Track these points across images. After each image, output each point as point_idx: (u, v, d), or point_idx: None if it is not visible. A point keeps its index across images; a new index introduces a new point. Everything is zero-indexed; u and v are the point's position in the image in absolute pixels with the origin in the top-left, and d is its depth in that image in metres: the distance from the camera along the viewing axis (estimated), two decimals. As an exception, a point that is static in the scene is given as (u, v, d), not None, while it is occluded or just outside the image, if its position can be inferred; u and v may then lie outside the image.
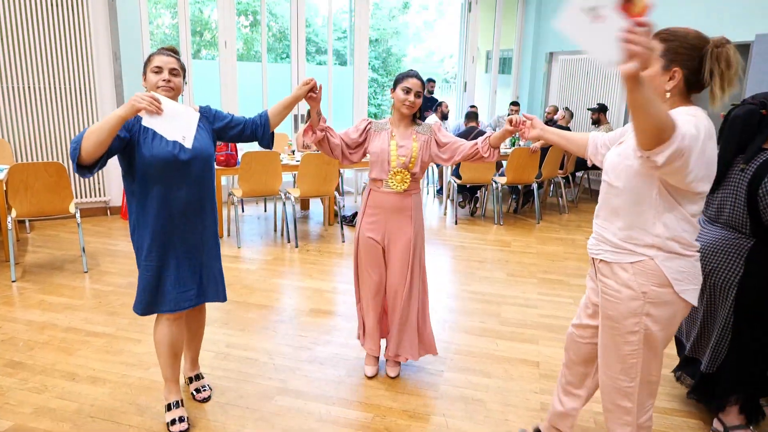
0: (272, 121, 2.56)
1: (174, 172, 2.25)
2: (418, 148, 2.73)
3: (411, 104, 2.67)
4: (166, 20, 15.79)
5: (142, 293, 2.34)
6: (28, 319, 3.53)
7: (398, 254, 2.80)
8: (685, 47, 1.67)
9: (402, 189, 2.73)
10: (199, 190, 2.35)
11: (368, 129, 2.81)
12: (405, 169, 2.72)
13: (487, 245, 5.61)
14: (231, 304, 3.84)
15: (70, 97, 5.83)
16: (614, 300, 1.80)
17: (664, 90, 1.70)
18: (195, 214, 2.36)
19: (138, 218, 2.31)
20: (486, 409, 2.71)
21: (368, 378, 2.96)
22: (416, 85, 2.67)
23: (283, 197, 5.47)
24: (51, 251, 4.92)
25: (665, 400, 2.82)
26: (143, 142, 2.22)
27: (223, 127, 2.49)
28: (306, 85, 2.49)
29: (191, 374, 2.77)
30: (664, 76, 1.70)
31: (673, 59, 1.68)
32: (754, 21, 6.23)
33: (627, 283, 1.76)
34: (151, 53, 2.31)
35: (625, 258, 1.77)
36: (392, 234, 2.79)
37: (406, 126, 2.77)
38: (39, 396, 2.68)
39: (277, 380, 2.90)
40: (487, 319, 3.75)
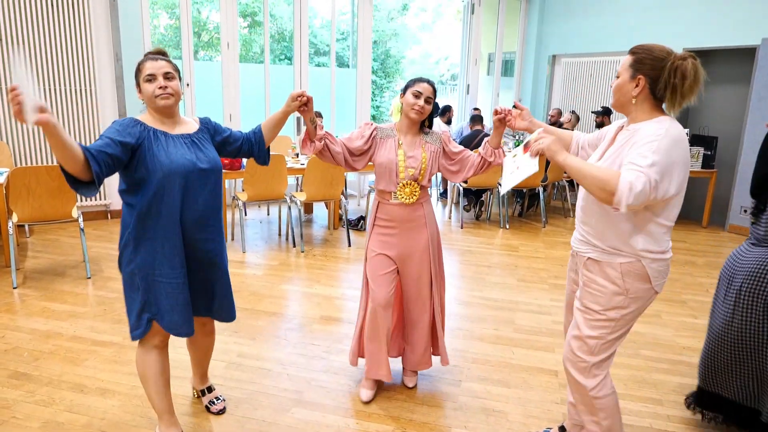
0: (266, 138, 2.43)
1: (193, 181, 2.10)
2: (428, 158, 2.59)
3: (420, 109, 2.53)
4: (163, 21, 15.69)
5: (137, 317, 2.15)
6: (32, 328, 3.43)
7: (416, 265, 2.68)
8: (650, 58, 1.85)
9: (411, 201, 2.60)
10: (213, 201, 2.21)
11: (374, 136, 2.64)
12: (414, 182, 2.58)
13: (494, 250, 5.54)
14: (240, 312, 3.75)
15: (70, 99, 5.73)
16: (599, 294, 1.98)
17: (631, 96, 1.90)
18: (209, 227, 2.21)
19: (143, 235, 2.08)
20: (508, 420, 2.64)
21: (364, 403, 2.73)
22: (427, 90, 2.54)
23: (289, 201, 5.38)
24: (52, 256, 4.82)
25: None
26: (158, 149, 2.06)
27: (221, 141, 2.34)
28: (295, 101, 2.33)
29: (202, 387, 2.67)
30: (630, 83, 1.89)
31: (638, 69, 1.87)
32: (761, 25, 6.20)
33: (614, 280, 1.93)
34: (138, 61, 2.14)
35: (614, 258, 1.94)
36: (408, 245, 2.65)
37: (415, 134, 2.63)
38: (47, 409, 2.59)
39: (292, 391, 2.82)
40: (501, 327, 3.68)
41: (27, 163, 5.63)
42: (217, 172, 2.21)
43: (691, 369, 3.18)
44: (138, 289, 2.14)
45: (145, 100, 2.14)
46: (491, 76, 9.51)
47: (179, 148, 2.11)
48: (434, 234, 2.73)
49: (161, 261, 2.10)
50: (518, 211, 7.24)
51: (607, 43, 7.95)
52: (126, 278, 2.16)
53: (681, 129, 1.85)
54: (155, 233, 2.09)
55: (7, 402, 2.63)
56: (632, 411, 2.76)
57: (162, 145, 2.08)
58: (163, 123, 2.15)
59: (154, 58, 2.13)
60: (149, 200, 2.06)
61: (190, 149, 2.15)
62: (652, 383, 3.03)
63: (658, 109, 1.90)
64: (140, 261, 2.10)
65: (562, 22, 8.59)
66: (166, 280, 2.12)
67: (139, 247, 2.10)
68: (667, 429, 2.62)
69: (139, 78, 2.12)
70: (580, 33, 8.31)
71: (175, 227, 2.10)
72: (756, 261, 2.34)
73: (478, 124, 6.77)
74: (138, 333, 2.18)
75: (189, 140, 2.17)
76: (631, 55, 1.90)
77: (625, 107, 1.94)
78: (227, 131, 2.38)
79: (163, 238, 2.09)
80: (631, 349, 3.42)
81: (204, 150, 2.20)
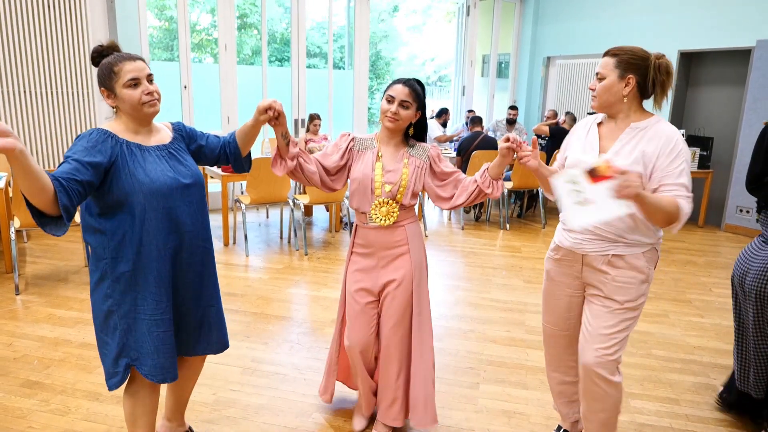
0: (242, 149, 2.12)
1: (177, 200, 1.85)
2: (409, 174, 2.21)
3: (393, 116, 2.15)
4: (152, 22, 15.54)
5: (113, 362, 1.87)
6: (39, 335, 3.37)
7: (396, 300, 2.28)
8: (635, 58, 1.94)
9: (388, 223, 2.22)
10: (201, 219, 1.96)
11: (350, 148, 2.28)
12: (392, 200, 2.21)
13: (497, 251, 5.56)
14: (249, 316, 3.72)
15: (67, 101, 5.65)
16: (627, 286, 2.01)
17: (622, 95, 1.97)
18: (198, 248, 1.95)
19: (122, 266, 1.80)
20: (529, 422, 2.64)
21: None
22: (401, 94, 2.14)
23: (292, 204, 5.35)
24: (52, 262, 4.74)
25: (707, 409, 2.79)
26: (134, 167, 1.78)
27: (196, 150, 2.06)
28: (264, 114, 1.97)
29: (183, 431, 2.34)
30: (620, 83, 1.96)
31: (626, 68, 1.94)
32: (755, 27, 6.28)
33: (641, 269, 2.00)
34: (108, 63, 1.79)
35: (637, 249, 2.00)
36: (386, 277, 2.29)
37: (397, 145, 2.25)
38: (63, 418, 2.54)
39: (311, 396, 2.79)
40: (512, 329, 3.69)
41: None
42: (200, 186, 1.94)
43: (704, 368, 3.21)
44: (115, 330, 1.85)
45: (121, 107, 1.83)
46: (486, 78, 9.55)
47: (158, 164, 1.85)
48: (419, 263, 2.31)
49: (144, 295, 1.83)
50: (517, 212, 7.27)
51: (601, 45, 7.99)
52: (100, 317, 1.86)
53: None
54: (137, 263, 1.81)
55: (22, 411, 2.58)
56: (650, 411, 2.77)
57: (138, 161, 1.81)
58: (137, 133, 1.87)
59: (131, 58, 1.81)
60: (128, 226, 1.78)
61: (169, 163, 1.88)
62: (667, 383, 3.04)
63: (641, 107, 2.02)
64: (119, 296, 1.82)
65: (556, 24, 8.65)
66: (150, 318, 1.84)
67: (118, 280, 1.81)
68: (688, 428, 2.63)
69: (114, 82, 1.79)
70: (574, 35, 8.37)
71: (160, 254, 1.83)
72: (765, 260, 2.40)
73: (477, 125, 6.78)
74: (114, 381, 1.89)
75: (166, 152, 1.91)
76: (613, 56, 1.96)
77: (614, 107, 2.01)
78: (203, 138, 2.09)
79: (146, 268, 1.82)
80: (643, 349, 3.44)
81: (183, 163, 1.93)
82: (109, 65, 1.80)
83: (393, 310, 2.28)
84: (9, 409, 2.59)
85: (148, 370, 1.87)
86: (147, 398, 1.99)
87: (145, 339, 1.85)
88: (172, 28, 15.23)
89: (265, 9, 7.02)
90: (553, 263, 2.22)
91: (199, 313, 2.03)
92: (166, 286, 1.86)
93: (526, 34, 9.09)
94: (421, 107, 2.22)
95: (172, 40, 15.27)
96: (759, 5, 6.26)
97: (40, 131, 5.57)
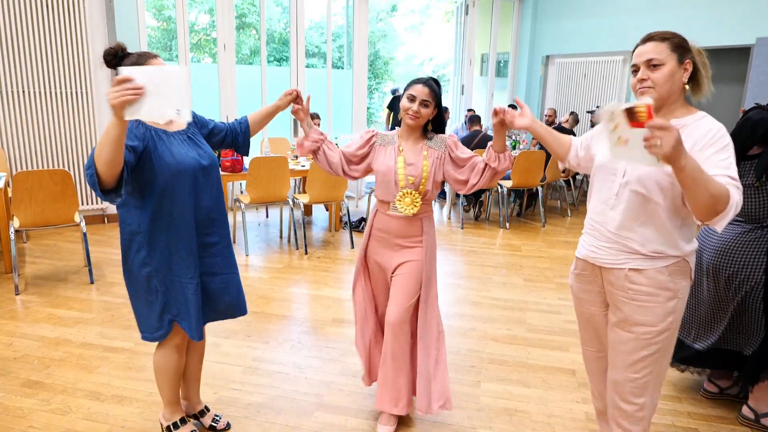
0: (252, 129, 2.43)
1: (199, 179, 2.09)
2: (429, 165, 2.35)
3: (414, 114, 2.30)
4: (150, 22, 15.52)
5: (158, 318, 2.13)
6: (39, 335, 3.36)
7: (402, 285, 2.39)
8: (684, 42, 1.72)
9: (411, 213, 2.35)
10: (218, 198, 2.21)
11: (373, 142, 2.45)
12: (415, 191, 2.35)
13: (497, 250, 5.55)
14: (250, 315, 3.71)
15: (66, 101, 5.64)
16: (650, 305, 1.76)
17: (683, 84, 1.73)
18: (218, 223, 2.21)
19: (156, 237, 2.05)
20: (531, 420, 2.64)
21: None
22: (422, 93, 2.29)
23: (291, 203, 5.34)
24: (52, 262, 4.73)
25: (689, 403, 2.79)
26: (162, 149, 2.01)
27: (207, 134, 2.32)
28: (287, 95, 2.32)
29: (200, 408, 2.52)
30: (680, 70, 1.71)
31: (682, 53, 1.70)
32: (755, 24, 6.29)
33: (665, 285, 1.74)
34: (134, 61, 1.97)
35: (660, 263, 1.74)
36: (398, 260, 2.41)
37: (416, 140, 2.40)
38: (64, 418, 2.53)
39: (312, 395, 2.79)
40: (513, 327, 3.68)
41: (23, 167, 5.52)
42: (216, 168, 2.20)
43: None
44: (157, 291, 2.10)
45: None
46: (485, 77, 9.55)
47: (182, 147, 2.09)
48: (431, 256, 2.44)
49: (177, 263, 2.09)
50: (517, 211, 7.26)
51: (600, 43, 8.01)
52: (141, 282, 2.10)
53: None
54: (169, 235, 2.06)
55: (22, 411, 2.57)
56: (653, 408, 2.76)
57: (165, 144, 2.04)
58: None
59: (153, 56, 2.05)
60: (159, 202, 2.02)
61: (191, 147, 2.13)
62: (670, 380, 3.04)
63: (686, 101, 1.78)
64: (156, 263, 2.07)
65: (555, 23, 8.65)
66: (184, 281, 2.11)
67: (153, 249, 2.06)
68: (689, 426, 2.63)
69: None
70: (573, 33, 8.36)
71: (189, 227, 2.09)
72: (721, 239, 2.58)
73: (476, 124, 6.78)
74: (160, 334, 2.17)
75: (185, 137, 2.14)
76: (662, 40, 1.70)
77: (671, 97, 1.73)
78: (211, 123, 2.36)
79: (177, 239, 2.07)
80: (645, 347, 3.43)
81: (202, 146, 2.19)
82: (135, 64, 1.97)
83: (400, 292, 2.39)
84: (9, 409, 2.58)
85: (186, 324, 2.15)
86: (176, 359, 2.26)
87: (181, 300, 2.13)
88: (171, 29, 15.22)
89: (263, 9, 7.01)
90: (574, 279, 2.02)
91: (226, 282, 2.26)
92: (194, 256, 2.12)
93: (525, 33, 9.09)
94: (439, 104, 2.36)
95: (170, 41, 15.25)
96: (758, 3, 6.26)
97: (38, 132, 5.55)
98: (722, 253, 2.56)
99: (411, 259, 2.40)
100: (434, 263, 2.47)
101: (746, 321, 2.57)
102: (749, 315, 2.56)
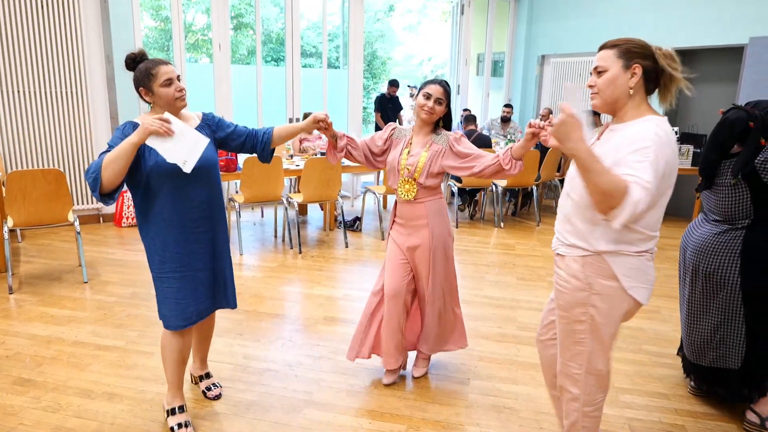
0: (275, 142, 2.55)
1: (187, 178, 2.21)
2: (426, 157, 2.66)
3: (429, 110, 2.62)
4: (147, 23, 15.52)
5: (173, 306, 2.31)
6: (32, 333, 3.38)
7: (421, 262, 2.78)
8: (637, 46, 1.77)
9: (409, 198, 2.70)
10: (212, 195, 2.34)
11: (391, 136, 2.81)
12: (412, 179, 2.68)
13: (491, 249, 5.57)
14: (242, 314, 3.73)
15: (61, 101, 5.65)
16: (563, 290, 1.92)
17: (628, 88, 1.78)
18: (207, 220, 2.33)
19: (150, 229, 2.27)
20: (519, 417, 2.66)
21: (385, 385, 2.91)
22: (437, 92, 2.62)
23: (285, 203, 5.36)
24: (46, 261, 4.74)
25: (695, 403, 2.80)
26: (149, 152, 2.17)
27: (225, 137, 2.47)
28: (316, 123, 2.51)
29: (201, 373, 2.79)
30: (625, 74, 1.77)
31: (630, 57, 1.76)
32: (748, 24, 6.31)
33: (575, 274, 1.87)
34: (146, 66, 2.20)
35: (576, 252, 1.87)
36: (414, 241, 2.76)
37: (426, 134, 2.72)
38: (54, 415, 2.55)
39: (302, 392, 2.80)
40: (504, 325, 3.70)
41: (18, 167, 5.53)
42: (211, 167, 2.32)
43: (694, 363, 3.23)
44: (168, 278, 2.29)
45: (158, 103, 2.23)
46: (481, 77, 9.55)
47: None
48: (440, 234, 2.74)
49: (171, 256, 2.26)
50: (512, 210, 7.28)
51: (595, 43, 7.97)
52: (155, 267, 2.31)
53: (670, 128, 1.74)
54: (163, 228, 2.24)
55: (13, 408, 2.59)
56: (640, 405, 2.78)
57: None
58: None
59: (165, 63, 2.23)
60: (147, 200, 2.22)
61: None
62: (658, 378, 3.06)
63: (646, 104, 1.81)
64: (159, 255, 2.27)
65: (551, 23, 8.66)
66: (174, 275, 2.29)
67: (155, 240, 2.27)
68: (677, 422, 2.65)
69: (152, 82, 2.20)
70: (569, 33, 8.38)
71: (172, 224, 2.24)
72: (700, 237, 2.61)
73: (471, 123, 6.80)
74: (171, 324, 2.35)
75: None
76: (612, 47, 1.79)
77: (618, 102, 1.80)
78: (231, 127, 2.49)
79: (167, 234, 2.25)
80: (634, 345, 3.45)
81: None
82: (147, 69, 2.19)
83: (421, 268, 2.78)
84: (0, 407, 2.60)
85: (192, 311, 2.33)
86: (181, 342, 2.38)
87: (188, 289, 2.30)
88: (168, 29, 15.22)
89: (258, 8, 7.02)
90: None
91: (222, 273, 2.45)
92: (172, 252, 2.25)
93: (520, 33, 9.11)
94: (449, 104, 2.68)
95: (168, 41, 15.25)
96: (752, 3, 6.28)
97: (33, 131, 5.57)
98: (700, 251, 2.59)
99: (418, 245, 2.73)
100: (445, 238, 2.76)
101: (727, 330, 2.57)
102: (730, 324, 2.56)
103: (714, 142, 2.52)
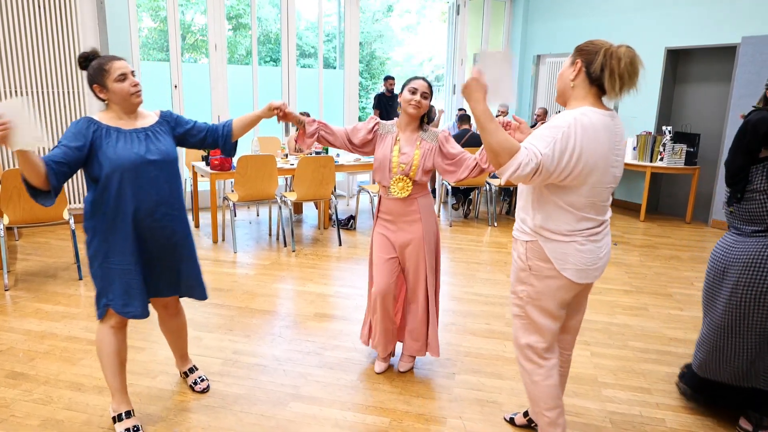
0: (235, 133, 2.57)
1: (142, 173, 2.22)
2: (420, 155, 2.71)
3: (417, 104, 2.67)
4: (147, 24, 15.59)
5: (97, 300, 2.34)
6: (26, 329, 3.43)
7: (413, 257, 2.84)
8: (588, 46, 1.96)
9: (403, 196, 2.74)
10: (169, 190, 2.33)
11: (375, 129, 2.83)
12: (406, 176, 2.72)
13: (483, 247, 5.62)
14: (233, 310, 3.78)
15: (58, 102, 5.71)
16: (513, 267, 2.17)
17: (569, 80, 1.99)
18: (167, 215, 2.34)
19: (97, 225, 2.26)
20: (502, 411, 2.70)
21: (377, 374, 3.00)
22: (422, 87, 2.67)
23: (279, 201, 5.41)
24: (42, 259, 4.80)
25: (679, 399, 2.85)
26: (107, 146, 2.19)
27: (183, 133, 2.47)
28: (272, 110, 2.52)
29: (185, 368, 2.84)
30: (570, 69, 1.99)
31: (577, 55, 1.98)
32: (740, 24, 6.35)
33: (520, 255, 2.11)
34: (99, 62, 2.20)
35: (521, 236, 2.11)
36: (405, 237, 2.82)
37: (413, 131, 2.76)
38: (45, 407, 2.60)
39: (289, 386, 2.85)
40: (492, 321, 3.75)
41: (12, 166, 5.59)
42: (169, 163, 2.33)
43: (679, 359, 3.27)
44: (97, 276, 2.31)
45: (113, 99, 2.23)
46: (477, 77, 9.58)
47: (129, 143, 2.23)
48: (430, 229, 2.84)
49: (113, 249, 2.26)
50: (506, 209, 7.33)
51: (590, 43, 8.05)
52: (89, 264, 2.34)
53: (598, 118, 1.89)
54: (105, 224, 2.24)
55: (5, 401, 2.64)
56: (622, 400, 2.83)
57: (112, 141, 2.21)
58: (120, 119, 2.27)
59: (117, 58, 2.22)
60: (100, 194, 2.22)
61: (142, 142, 2.26)
62: (641, 373, 3.10)
63: (591, 97, 1.96)
64: (95, 248, 2.28)
65: (546, 23, 8.71)
66: (119, 267, 2.27)
67: (95, 236, 2.27)
68: (656, 416, 2.69)
69: (106, 78, 2.20)
70: (564, 33, 8.43)
71: (125, 218, 2.23)
72: (751, 253, 2.40)
73: (465, 123, 6.84)
74: (98, 314, 2.37)
75: (144, 134, 2.29)
76: (575, 49, 2.02)
77: (565, 94, 2.03)
78: (190, 123, 2.49)
79: (112, 229, 2.25)
80: (620, 341, 3.50)
81: (157, 142, 2.31)
82: (100, 65, 2.20)
83: (410, 263, 2.85)
84: (-8, 400, 2.66)
85: (118, 309, 2.30)
86: (110, 340, 2.36)
87: (116, 283, 2.28)
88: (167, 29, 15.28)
89: (254, 8, 7.08)
90: None
91: (173, 265, 2.44)
92: (130, 243, 2.25)
93: (516, 33, 9.15)
94: (430, 99, 2.75)
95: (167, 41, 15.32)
96: (744, 2, 6.32)
97: (31, 130, 5.62)
98: (754, 267, 2.39)
99: (411, 240, 2.80)
100: (436, 233, 2.87)
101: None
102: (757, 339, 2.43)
103: (738, 147, 2.41)
